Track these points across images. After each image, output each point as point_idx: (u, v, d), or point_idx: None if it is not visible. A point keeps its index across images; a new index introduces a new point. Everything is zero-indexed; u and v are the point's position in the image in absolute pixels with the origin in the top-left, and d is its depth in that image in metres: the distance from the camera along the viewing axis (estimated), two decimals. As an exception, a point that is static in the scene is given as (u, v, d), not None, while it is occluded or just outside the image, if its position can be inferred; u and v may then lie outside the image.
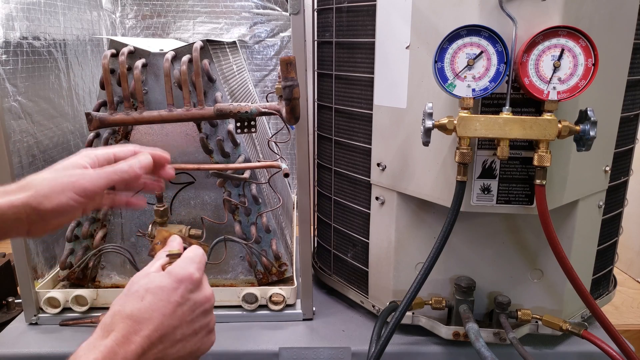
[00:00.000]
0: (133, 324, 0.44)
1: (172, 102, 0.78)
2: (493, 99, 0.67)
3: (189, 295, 0.48)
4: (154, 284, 0.47)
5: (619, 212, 0.89)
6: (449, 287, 0.81)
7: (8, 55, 0.86)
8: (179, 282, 0.47)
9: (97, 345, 0.42)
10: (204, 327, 0.49)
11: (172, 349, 0.46)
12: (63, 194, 0.50)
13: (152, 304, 0.45)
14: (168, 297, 0.46)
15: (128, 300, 0.46)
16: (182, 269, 0.49)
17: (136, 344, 0.43)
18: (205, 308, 0.49)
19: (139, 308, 0.45)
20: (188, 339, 0.47)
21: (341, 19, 0.82)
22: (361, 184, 0.86)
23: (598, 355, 0.76)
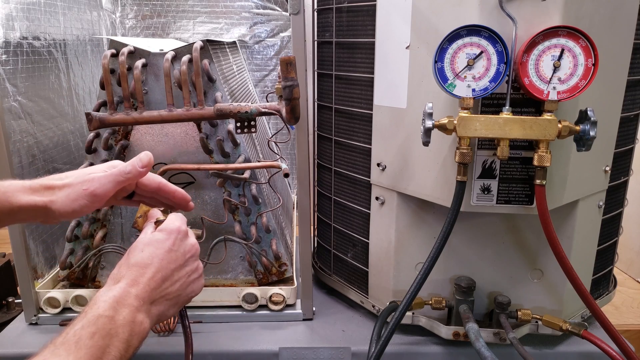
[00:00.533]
0: (138, 269, 0.52)
1: (172, 102, 0.78)
2: (493, 99, 0.67)
3: (179, 243, 0.57)
4: (150, 238, 0.56)
5: (619, 212, 0.89)
6: (449, 287, 0.81)
7: (8, 55, 0.86)
8: (169, 233, 0.57)
9: (112, 289, 0.50)
10: (195, 270, 0.59)
11: (171, 287, 0.55)
12: (77, 202, 0.56)
13: (151, 252, 0.54)
14: (163, 246, 0.56)
15: (130, 254, 0.55)
16: (171, 223, 0.59)
17: (143, 284, 0.51)
18: (193, 254, 0.59)
19: (141, 257, 0.54)
20: (183, 279, 0.56)
21: (341, 19, 0.82)
22: (361, 184, 0.86)
23: (598, 355, 0.76)
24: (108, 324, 0.46)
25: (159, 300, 0.53)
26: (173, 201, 0.65)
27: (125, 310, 0.48)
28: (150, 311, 0.51)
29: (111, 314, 0.47)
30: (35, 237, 0.91)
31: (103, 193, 0.57)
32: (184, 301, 0.57)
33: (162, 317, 0.54)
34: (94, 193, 0.56)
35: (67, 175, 0.57)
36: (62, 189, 0.56)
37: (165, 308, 0.54)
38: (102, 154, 0.87)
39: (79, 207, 0.56)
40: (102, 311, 0.47)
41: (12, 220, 0.56)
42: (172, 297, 0.55)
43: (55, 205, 0.55)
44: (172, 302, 0.55)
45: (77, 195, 0.55)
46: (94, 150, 0.87)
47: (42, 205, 0.55)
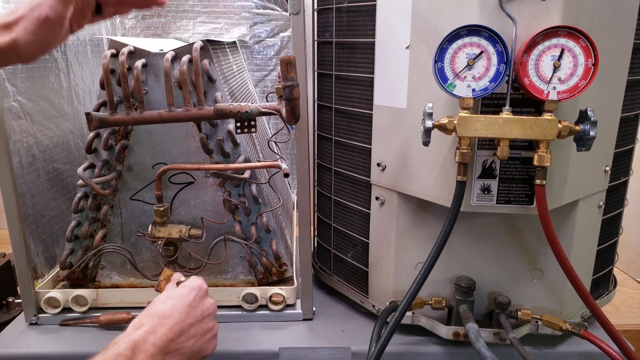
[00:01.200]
0: (159, 319, 0.56)
1: (172, 102, 0.78)
2: (493, 99, 0.67)
3: (199, 300, 0.61)
4: (173, 292, 0.61)
5: (619, 212, 0.89)
6: (449, 287, 0.81)
7: (8, 55, 0.86)
8: (191, 289, 0.61)
9: (131, 334, 0.53)
10: (210, 329, 0.61)
11: (187, 342, 0.57)
12: (37, 33, 0.53)
13: (172, 305, 0.58)
14: (184, 300, 0.59)
15: (152, 305, 0.59)
16: (193, 280, 0.64)
17: (161, 333, 0.54)
18: (211, 312, 0.63)
19: (162, 308, 0.58)
20: (199, 337, 0.59)
21: (341, 19, 0.82)
22: (361, 184, 0.86)
23: (598, 355, 0.76)
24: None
25: (173, 352, 0.55)
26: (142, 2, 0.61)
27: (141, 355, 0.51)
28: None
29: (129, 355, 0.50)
30: (35, 237, 0.91)
31: (56, 15, 0.53)
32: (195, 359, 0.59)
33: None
34: (48, 17, 0.52)
35: (17, 8, 0.53)
36: (17, 24, 0.52)
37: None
38: (102, 154, 0.87)
39: (41, 37, 0.53)
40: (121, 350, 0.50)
41: None
42: (185, 351, 0.57)
43: (19, 42, 0.52)
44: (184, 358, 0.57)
45: (33, 26, 0.52)
46: (94, 150, 0.87)
47: (8, 46, 0.52)
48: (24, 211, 0.86)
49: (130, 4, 0.61)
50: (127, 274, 0.93)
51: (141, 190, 0.89)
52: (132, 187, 0.89)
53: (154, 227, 0.86)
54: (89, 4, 0.58)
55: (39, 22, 0.52)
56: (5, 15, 0.53)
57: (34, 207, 0.91)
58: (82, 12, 0.57)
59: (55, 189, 0.99)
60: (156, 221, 0.86)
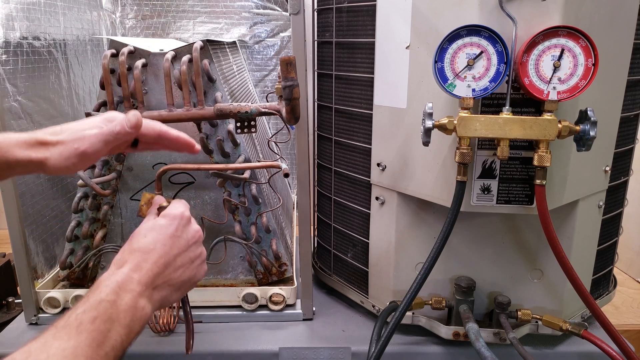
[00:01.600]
0: (141, 254, 0.52)
1: (172, 102, 0.78)
2: (493, 99, 0.67)
3: (182, 228, 0.58)
4: (153, 224, 0.57)
5: (619, 212, 0.89)
6: (449, 287, 0.81)
7: (8, 55, 0.86)
8: (172, 219, 0.57)
9: (115, 274, 0.50)
10: (198, 256, 0.59)
11: (174, 273, 0.55)
12: (69, 160, 0.55)
13: (154, 238, 0.55)
14: (166, 231, 0.56)
15: (133, 239, 0.55)
16: (174, 209, 0.59)
17: (146, 269, 0.51)
18: (197, 239, 0.59)
19: (144, 242, 0.54)
20: (186, 265, 0.56)
21: (341, 19, 0.82)
22: (361, 184, 0.86)
23: (598, 355, 0.76)
24: (110, 309, 0.46)
25: (162, 285, 0.53)
26: (177, 147, 0.64)
27: (127, 296, 0.48)
28: (152, 297, 0.51)
29: (113, 299, 0.47)
30: (35, 237, 0.91)
31: (93, 152, 0.56)
32: (187, 287, 0.57)
33: (164, 302, 0.54)
34: (84, 153, 0.55)
35: (63, 130, 0.56)
36: (55, 146, 0.55)
37: (167, 293, 0.54)
38: (102, 154, 0.87)
39: (71, 165, 0.55)
40: (104, 296, 0.47)
41: (9, 174, 0.56)
42: (174, 282, 0.55)
43: (49, 162, 0.54)
44: (174, 288, 0.55)
45: (69, 154, 0.55)
46: (94, 150, 0.86)
47: (37, 161, 0.54)
48: (24, 211, 0.86)
49: (165, 146, 0.64)
50: (127, 274, 0.93)
51: (141, 190, 0.89)
52: (132, 187, 0.89)
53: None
54: (127, 142, 0.61)
55: (76, 153, 0.55)
56: (48, 133, 0.55)
57: (34, 207, 0.91)
58: (119, 146, 0.60)
59: (55, 189, 0.99)
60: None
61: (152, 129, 0.61)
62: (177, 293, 0.56)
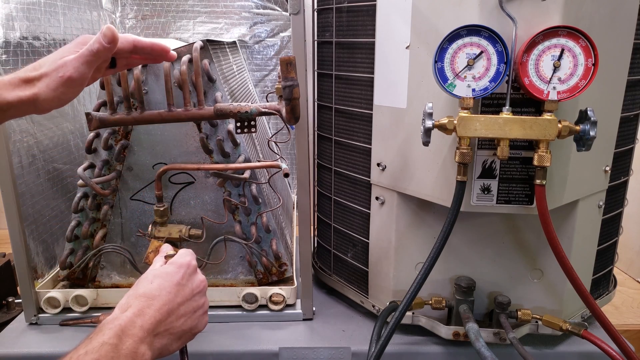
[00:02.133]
0: (146, 300, 0.53)
1: (172, 102, 0.78)
2: (493, 99, 0.67)
3: (188, 277, 0.59)
4: (160, 271, 0.58)
5: (619, 212, 0.89)
6: (449, 287, 0.81)
7: (8, 55, 0.86)
8: (179, 267, 0.59)
9: (119, 317, 0.51)
10: (201, 306, 0.60)
11: (177, 322, 0.55)
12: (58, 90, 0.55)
13: (160, 285, 0.56)
14: (172, 279, 0.57)
15: (139, 284, 0.56)
16: (182, 257, 0.61)
17: (149, 315, 0.52)
18: (201, 289, 0.61)
19: (149, 288, 0.55)
20: (189, 315, 0.57)
21: (341, 19, 0.82)
22: (361, 184, 0.86)
23: (598, 355, 0.76)
24: (111, 352, 0.46)
25: (163, 333, 0.53)
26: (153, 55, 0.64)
27: (129, 340, 0.48)
28: (153, 343, 0.51)
29: (115, 342, 0.47)
30: (35, 237, 0.91)
31: (79, 77, 0.55)
32: (187, 337, 0.57)
33: (164, 351, 0.54)
34: (70, 78, 0.55)
35: (41, 64, 0.56)
36: (40, 80, 0.55)
37: (168, 342, 0.54)
38: (102, 154, 0.87)
39: (61, 94, 0.55)
40: (106, 338, 0.47)
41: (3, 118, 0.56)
42: (176, 331, 0.55)
43: (40, 97, 0.54)
44: (175, 337, 0.55)
45: (56, 84, 0.55)
46: (94, 150, 0.87)
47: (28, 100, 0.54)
48: (24, 211, 0.86)
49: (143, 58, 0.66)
50: (127, 274, 0.93)
51: (141, 190, 0.89)
52: (132, 187, 0.89)
53: (154, 227, 0.86)
54: (106, 60, 0.61)
55: (62, 81, 0.55)
56: (29, 70, 0.56)
57: (34, 207, 0.91)
58: (99, 68, 0.60)
59: (55, 189, 0.99)
60: (156, 221, 0.86)
61: (125, 40, 0.61)
62: (178, 342, 0.56)
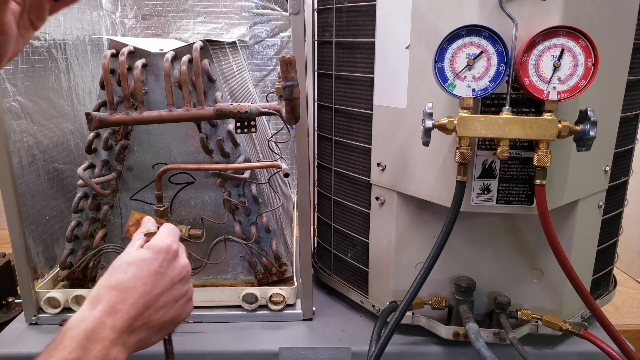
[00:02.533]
0: (118, 293, 0.47)
1: (172, 102, 0.78)
2: (493, 99, 0.67)
3: (167, 264, 0.52)
4: (135, 257, 0.51)
5: (619, 212, 0.89)
6: (449, 287, 0.81)
7: (8, 55, 0.86)
8: (157, 253, 0.52)
9: (87, 316, 0.45)
10: (183, 294, 0.53)
11: (155, 315, 0.49)
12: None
13: (135, 275, 0.49)
14: (149, 268, 0.50)
15: (112, 274, 0.49)
16: (160, 241, 0.53)
17: (123, 312, 0.46)
18: (183, 276, 0.53)
19: (122, 279, 0.48)
20: (170, 305, 0.51)
21: (341, 19, 0.82)
22: (361, 184, 0.86)
23: (598, 355, 0.76)
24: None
25: (140, 327, 0.48)
26: None
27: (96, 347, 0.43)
28: (127, 341, 0.46)
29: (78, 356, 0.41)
30: (35, 237, 0.91)
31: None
32: (169, 328, 0.52)
33: (142, 345, 0.49)
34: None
35: None
36: None
37: (146, 335, 0.49)
38: (102, 154, 0.87)
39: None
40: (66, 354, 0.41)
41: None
42: (154, 324, 0.49)
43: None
44: (154, 330, 0.50)
45: None
46: (94, 150, 0.87)
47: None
48: (24, 211, 0.86)
49: None
50: (127, 274, 0.93)
51: (141, 190, 0.89)
52: (132, 187, 0.89)
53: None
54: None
55: None
56: None
57: (34, 207, 0.91)
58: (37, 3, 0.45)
59: (55, 189, 0.99)
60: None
61: None
62: (158, 335, 0.50)
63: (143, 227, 0.59)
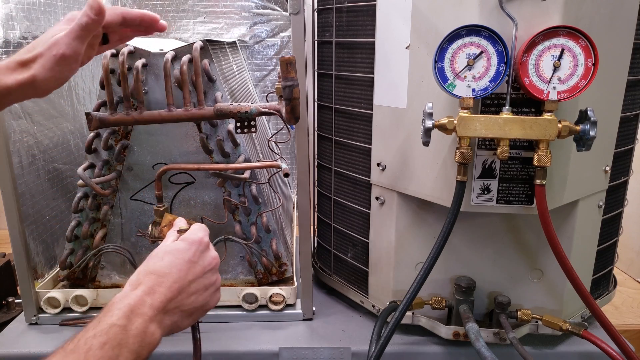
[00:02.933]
0: (156, 278, 0.52)
1: (172, 102, 0.78)
2: (493, 99, 0.67)
3: (200, 255, 0.57)
4: (171, 247, 0.57)
5: (619, 212, 0.89)
6: (449, 287, 0.81)
7: (8, 55, 0.86)
8: (191, 244, 0.57)
9: (129, 295, 0.50)
10: (213, 283, 0.58)
11: (187, 299, 0.54)
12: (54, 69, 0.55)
13: (171, 262, 0.55)
14: (183, 256, 0.56)
15: (150, 261, 0.55)
16: (193, 234, 0.59)
17: (160, 293, 0.51)
18: (213, 267, 0.59)
19: (160, 265, 0.54)
20: (200, 292, 0.56)
21: (341, 19, 0.82)
22: (361, 184, 0.86)
23: (598, 355, 0.76)
24: (120, 334, 0.46)
25: (174, 310, 0.53)
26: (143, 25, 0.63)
27: (138, 320, 0.48)
28: (163, 321, 0.51)
29: (124, 323, 0.47)
30: (35, 237, 0.91)
31: (72, 52, 0.56)
32: (198, 314, 0.57)
33: (174, 328, 0.53)
34: (64, 56, 0.55)
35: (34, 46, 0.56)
36: (35, 61, 0.55)
37: (179, 319, 0.54)
38: (102, 154, 0.87)
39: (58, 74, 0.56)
40: (115, 319, 0.46)
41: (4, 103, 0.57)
42: (186, 308, 0.54)
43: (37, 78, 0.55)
44: (186, 314, 0.55)
45: (51, 64, 0.55)
46: (94, 150, 0.87)
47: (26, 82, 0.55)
48: (24, 211, 0.86)
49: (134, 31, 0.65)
50: (127, 274, 0.93)
51: (141, 190, 0.89)
52: (132, 187, 0.89)
53: (154, 227, 0.86)
54: (97, 36, 0.61)
55: (57, 59, 0.55)
56: (23, 53, 0.56)
57: (34, 207, 0.91)
58: (91, 44, 0.60)
59: (55, 189, 0.99)
60: (156, 221, 0.86)
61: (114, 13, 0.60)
62: (189, 319, 0.55)
63: (175, 226, 0.64)
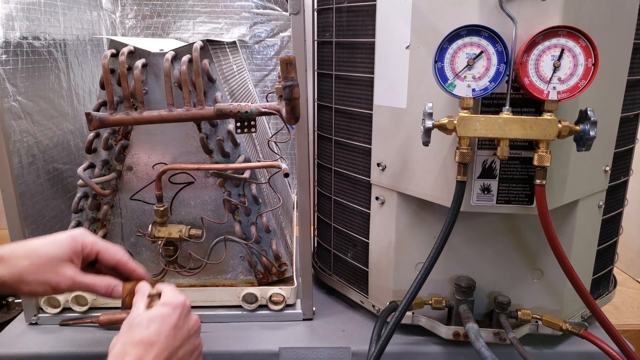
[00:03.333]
0: (144, 347, 0.51)
1: (172, 102, 0.78)
2: (493, 99, 0.67)
3: (184, 319, 0.57)
4: (155, 314, 0.55)
5: (619, 212, 0.89)
6: (449, 287, 0.81)
7: (8, 55, 0.86)
8: (174, 308, 0.57)
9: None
10: (197, 347, 0.59)
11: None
12: (41, 287, 0.59)
13: (157, 329, 0.53)
14: (169, 322, 0.55)
15: (134, 330, 0.54)
16: (175, 297, 0.58)
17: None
18: (196, 330, 0.59)
19: (147, 334, 0.53)
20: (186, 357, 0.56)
21: (341, 19, 0.82)
22: (361, 184, 0.86)
23: (598, 355, 0.76)
24: None
25: None
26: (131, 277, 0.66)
27: None
28: None
29: None
30: (35, 237, 0.91)
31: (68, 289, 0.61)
32: None
33: None
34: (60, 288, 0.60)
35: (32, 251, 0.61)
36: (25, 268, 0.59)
37: None
38: (102, 154, 0.87)
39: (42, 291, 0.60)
40: None
41: None
42: None
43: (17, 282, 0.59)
44: None
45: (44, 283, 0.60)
46: (94, 150, 0.87)
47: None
48: (24, 211, 0.86)
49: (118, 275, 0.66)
50: (127, 274, 0.93)
51: (141, 190, 0.89)
52: (132, 187, 0.89)
53: (154, 227, 0.86)
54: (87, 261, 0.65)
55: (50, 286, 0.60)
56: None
57: (34, 207, 0.91)
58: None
59: (55, 189, 0.99)
60: (156, 221, 0.86)
61: (112, 256, 0.64)
62: None
63: (139, 292, 0.62)
